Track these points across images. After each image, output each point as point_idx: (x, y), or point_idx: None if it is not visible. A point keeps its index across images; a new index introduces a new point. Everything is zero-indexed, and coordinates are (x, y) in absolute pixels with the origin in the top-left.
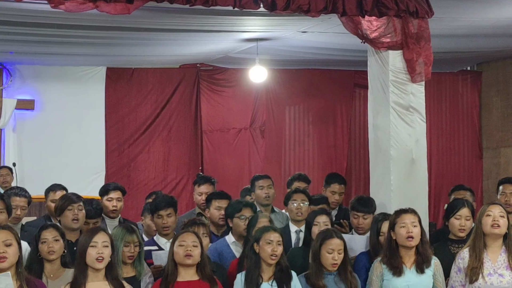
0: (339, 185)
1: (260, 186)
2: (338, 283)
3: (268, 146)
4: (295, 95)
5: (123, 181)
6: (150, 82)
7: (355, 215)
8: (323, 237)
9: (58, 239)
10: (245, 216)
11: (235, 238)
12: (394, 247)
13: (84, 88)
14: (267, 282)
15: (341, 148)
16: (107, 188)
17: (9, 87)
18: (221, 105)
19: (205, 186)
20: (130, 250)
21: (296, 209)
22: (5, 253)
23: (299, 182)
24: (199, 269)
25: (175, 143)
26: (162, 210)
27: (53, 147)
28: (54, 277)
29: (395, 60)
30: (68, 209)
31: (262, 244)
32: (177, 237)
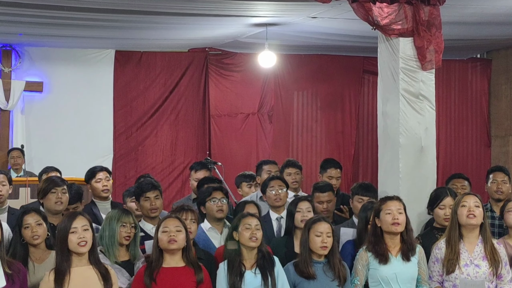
0: (335, 169)
1: (267, 171)
2: (327, 271)
3: (276, 132)
4: (304, 80)
5: (130, 164)
6: (159, 66)
7: (359, 199)
8: (311, 222)
9: (41, 223)
10: (217, 198)
11: (211, 224)
12: (379, 235)
13: (92, 70)
14: (250, 270)
15: (349, 134)
16: (93, 170)
17: (18, 69)
18: (229, 90)
19: (201, 172)
20: (127, 230)
21: (275, 196)
22: None
23: (289, 168)
24: (184, 255)
25: (183, 127)
26: (149, 191)
27: (61, 129)
28: (40, 260)
29: (405, 47)
30: (52, 192)
31: (241, 230)
32: (160, 223)
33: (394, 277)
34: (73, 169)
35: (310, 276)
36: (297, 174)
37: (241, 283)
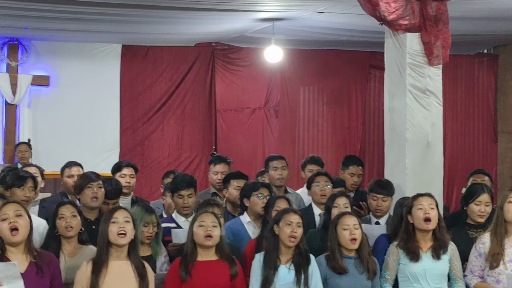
0: (357, 167)
1: (274, 167)
2: (357, 266)
3: (282, 126)
4: (310, 75)
5: (137, 158)
6: (165, 60)
7: (374, 196)
8: (337, 217)
9: (76, 215)
10: (263, 194)
11: (250, 218)
12: (411, 231)
13: (99, 65)
14: (284, 265)
15: (355, 130)
16: (120, 165)
17: (24, 63)
18: (235, 85)
19: (220, 166)
20: (149, 230)
21: (320, 191)
22: (17, 223)
23: (312, 165)
24: (218, 249)
25: (189, 121)
26: (183, 190)
27: (67, 123)
28: (72, 254)
29: (412, 42)
30: (88, 187)
31: (282, 225)
32: (196, 217)
33: (423, 273)
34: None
35: (342, 271)
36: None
37: (274, 277)
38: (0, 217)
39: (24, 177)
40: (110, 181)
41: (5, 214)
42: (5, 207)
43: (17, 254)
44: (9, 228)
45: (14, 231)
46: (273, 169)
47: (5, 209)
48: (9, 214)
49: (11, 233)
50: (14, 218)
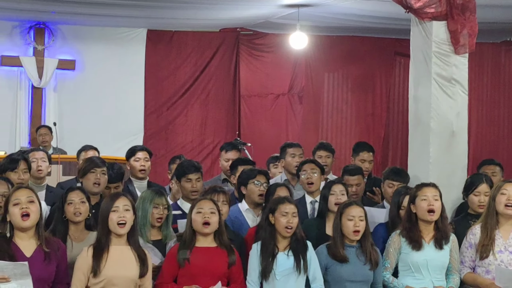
0: (368, 153)
1: (291, 154)
2: (359, 255)
3: (305, 113)
4: (335, 61)
5: (160, 143)
6: (190, 45)
7: (390, 184)
8: (343, 206)
9: (84, 201)
10: (260, 182)
11: (249, 205)
12: (414, 221)
13: (124, 49)
14: (283, 252)
15: (379, 117)
16: (134, 149)
17: (50, 47)
18: (260, 70)
19: (232, 153)
20: (159, 212)
21: (307, 179)
22: (28, 209)
23: (321, 151)
24: (216, 236)
25: (213, 107)
26: (192, 173)
27: (92, 107)
28: (79, 239)
29: (439, 31)
30: (91, 172)
31: (277, 215)
32: (195, 204)
33: (425, 263)
34: (104, 147)
35: (343, 260)
36: (328, 158)
37: (273, 265)
38: (12, 202)
39: (16, 160)
40: (112, 166)
41: (17, 199)
42: (17, 192)
43: (25, 239)
44: (21, 213)
45: (25, 216)
46: (290, 155)
47: (17, 194)
48: (21, 200)
49: (22, 218)
50: (26, 204)
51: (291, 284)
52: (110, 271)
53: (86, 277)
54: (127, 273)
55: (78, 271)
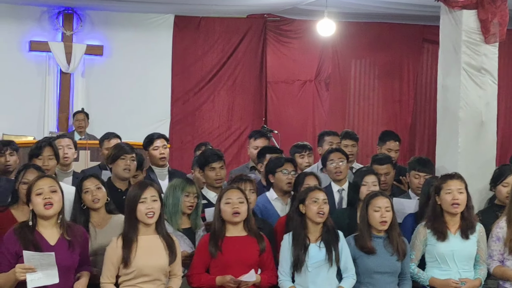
0: (394, 142)
1: (329, 142)
2: (386, 246)
3: (332, 99)
4: (362, 48)
5: (187, 129)
6: (217, 32)
7: (416, 175)
8: (369, 197)
9: (100, 187)
10: (288, 170)
11: (277, 194)
12: (439, 212)
13: (152, 35)
14: (314, 243)
15: (406, 104)
16: (151, 137)
17: (79, 32)
18: (286, 57)
19: (260, 140)
20: (190, 200)
21: (335, 169)
22: (51, 199)
23: (347, 140)
24: (245, 224)
25: (240, 93)
26: (215, 162)
27: (119, 93)
28: (101, 225)
29: (468, 19)
30: (121, 158)
31: (308, 203)
32: (222, 194)
33: (451, 254)
34: (131, 133)
35: (370, 251)
36: (353, 147)
37: (305, 256)
38: (35, 191)
39: (40, 146)
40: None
41: (40, 189)
42: (40, 181)
43: (48, 228)
44: (43, 203)
45: (47, 205)
46: (328, 143)
47: (40, 183)
48: (44, 189)
49: (44, 207)
50: (49, 194)
51: (323, 276)
52: (140, 261)
53: (116, 268)
54: (157, 262)
55: (108, 262)
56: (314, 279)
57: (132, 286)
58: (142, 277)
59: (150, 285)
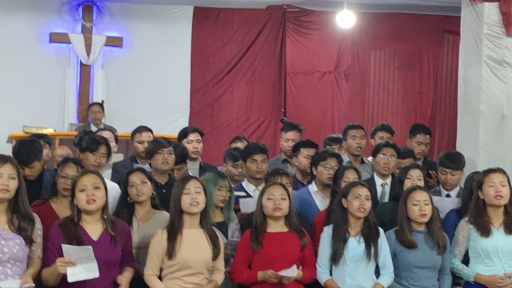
0: (425, 135)
1: (353, 136)
2: (427, 240)
3: (352, 91)
4: (382, 39)
5: (206, 120)
6: (236, 23)
7: (443, 171)
8: (407, 192)
9: (146, 182)
10: (330, 165)
11: (318, 187)
12: (482, 207)
13: (171, 26)
14: (354, 238)
15: (426, 95)
16: (186, 131)
17: (98, 24)
18: (306, 48)
19: (292, 133)
20: (223, 194)
21: (384, 164)
22: (94, 196)
23: (383, 132)
24: (287, 220)
25: (259, 84)
26: (257, 154)
27: (139, 84)
28: (145, 219)
29: (490, 12)
30: (158, 152)
31: (350, 198)
32: (265, 190)
33: (495, 250)
34: (150, 124)
35: (411, 245)
36: (389, 139)
37: (344, 249)
38: (79, 188)
39: (98, 142)
40: (176, 147)
41: (84, 186)
42: (83, 177)
43: (92, 223)
44: (86, 200)
45: (90, 201)
46: (351, 137)
47: (83, 180)
48: (87, 186)
49: (87, 203)
50: (92, 191)
51: (360, 270)
52: (185, 254)
53: (160, 260)
54: (201, 256)
55: (153, 254)
56: (351, 273)
57: (176, 278)
58: (185, 269)
59: (193, 279)
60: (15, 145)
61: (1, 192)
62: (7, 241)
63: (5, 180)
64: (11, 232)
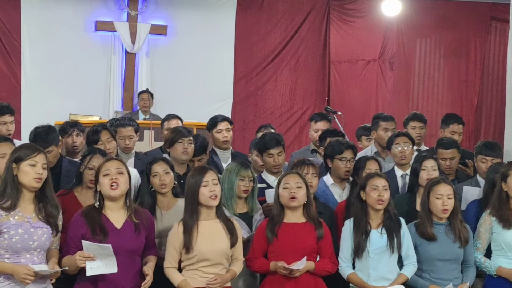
0: (458, 125)
1: (384, 128)
2: (448, 233)
3: (396, 79)
4: (427, 27)
5: (249, 109)
6: (280, 11)
7: (483, 159)
8: (431, 184)
9: (168, 172)
10: (346, 158)
11: (334, 179)
12: (505, 199)
13: (215, 15)
14: (376, 230)
15: (472, 84)
16: (215, 120)
17: (143, 12)
18: (350, 36)
19: (321, 123)
20: (245, 184)
21: (400, 153)
22: (118, 180)
23: (415, 121)
24: (305, 210)
25: (303, 72)
26: (273, 148)
27: (183, 73)
28: (167, 208)
29: None
30: (179, 142)
31: (368, 190)
32: (281, 178)
33: None
34: (193, 112)
35: (431, 238)
36: (421, 129)
37: (366, 242)
38: (102, 173)
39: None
40: (196, 138)
41: (108, 170)
42: (107, 163)
43: (115, 211)
44: (110, 184)
45: (114, 186)
46: (383, 129)
47: (107, 164)
48: (111, 170)
49: (111, 187)
50: (116, 175)
51: (384, 262)
52: (202, 246)
53: (178, 252)
54: (219, 246)
55: (171, 247)
56: (375, 265)
57: (195, 270)
58: (204, 261)
59: (212, 269)
60: (31, 132)
61: (36, 181)
62: (36, 229)
63: (39, 169)
64: (39, 220)
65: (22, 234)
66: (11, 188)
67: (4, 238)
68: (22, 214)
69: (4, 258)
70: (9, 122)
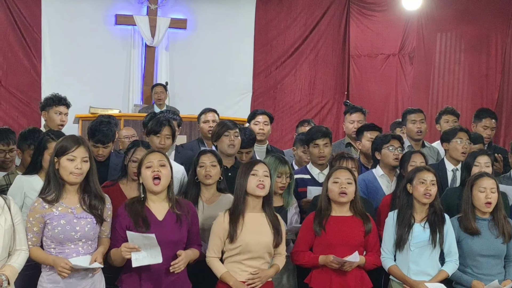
0: (491, 119)
1: (412, 120)
2: (491, 228)
3: (416, 74)
4: (448, 21)
5: (268, 102)
6: (300, 5)
7: None
8: (474, 178)
9: (215, 165)
10: (394, 146)
11: (383, 171)
12: None
13: (234, 9)
14: (419, 223)
15: (493, 78)
16: (255, 112)
17: (163, 6)
18: (370, 30)
19: (356, 115)
20: (282, 181)
21: (463, 148)
22: (160, 173)
23: (447, 115)
24: (352, 205)
25: (322, 66)
26: (319, 139)
27: (202, 66)
28: (210, 201)
29: None
30: (225, 135)
31: (415, 183)
32: (331, 173)
33: None
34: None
35: (474, 233)
36: (454, 122)
37: (408, 235)
38: (145, 165)
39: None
40: (244, 130)
41: (150, 162)
42: (150, 155)
43: (157, 202)
44: (152, 176)
45: (156, 180)
46: (411, 122)
47: (150, 157)
48: (153, 163)
49: (153, 181)
50: (158, 168)
51: (425, 256)
52: (246, 237)
53: (222, 241)
54: (263, 239)
55: (215, 235)
56: (416, 259)
57: (237, 262)
58: (246, 253)
59: (254, 262)
60: (92, 124)
61: (74, 175)
62: (79, 219)
63: (78, 164)
64: (83, 211)
65: (64, 225)
66: (53, 182)
67: (48, 229)
68: (66, 205)
69: (50, 249)
70: (64, 113)
